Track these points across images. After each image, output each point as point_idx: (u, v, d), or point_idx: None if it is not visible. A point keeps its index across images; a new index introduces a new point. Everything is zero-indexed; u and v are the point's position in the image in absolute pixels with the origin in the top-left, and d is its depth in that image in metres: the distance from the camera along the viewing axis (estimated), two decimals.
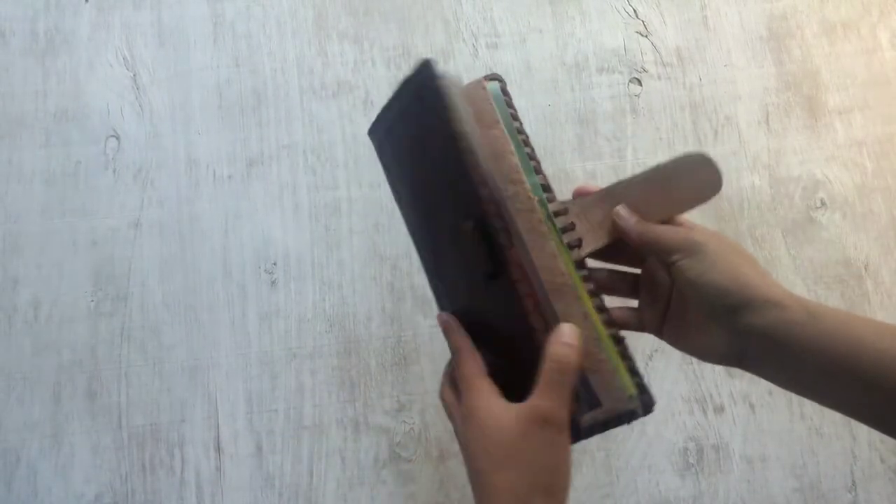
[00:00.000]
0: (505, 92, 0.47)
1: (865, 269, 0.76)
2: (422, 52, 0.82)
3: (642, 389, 0.43)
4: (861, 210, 0.77)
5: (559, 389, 0.38)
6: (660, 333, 0.45)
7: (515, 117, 0.46)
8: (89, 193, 0.78)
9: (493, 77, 0.48)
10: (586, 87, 0.81)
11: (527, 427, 0.37)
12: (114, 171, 0.78)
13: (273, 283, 0.75)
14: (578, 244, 0.44)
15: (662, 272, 0.45)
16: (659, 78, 0.81)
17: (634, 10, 0.84)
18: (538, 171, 0.45)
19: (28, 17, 0.83)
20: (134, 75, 0.81)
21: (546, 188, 0.45)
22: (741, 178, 0.78)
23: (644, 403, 0.42)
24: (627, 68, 0.82)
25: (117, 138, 0.79)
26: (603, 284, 0.47)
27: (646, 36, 0.83)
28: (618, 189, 0.45)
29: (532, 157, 0.45)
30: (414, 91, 0.44)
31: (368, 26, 0.83)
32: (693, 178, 0.44)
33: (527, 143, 0.46)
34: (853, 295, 0.75)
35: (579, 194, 0.46)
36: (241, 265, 0.76)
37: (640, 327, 0.46)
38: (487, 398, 0.39)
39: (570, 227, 0.44)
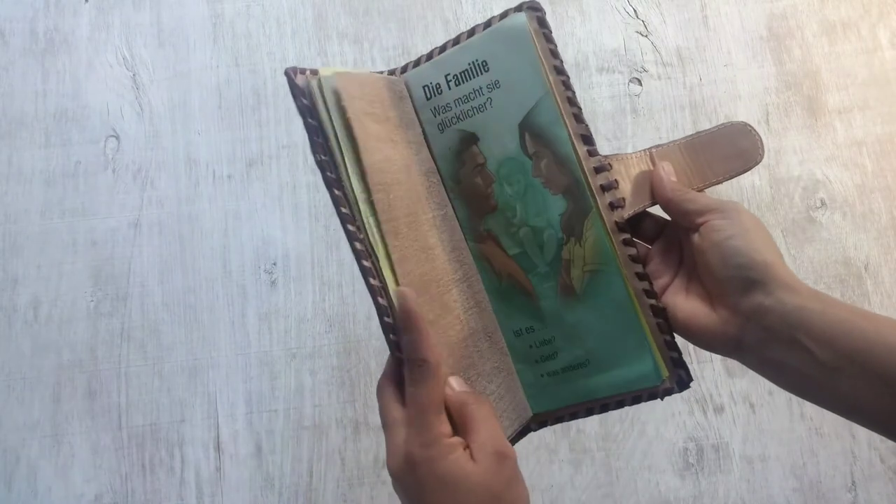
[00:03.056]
0: (543, 23, 0.42)
1: (865, 269, 0.76)
2: (422, 51, 0.82)
3: (678, 364, 0.42)
4: (861, 210, 0.77)
5: (486, 420, 0.37)
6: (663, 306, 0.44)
7: (555, 54, 0.42)
8: (89, 193, 0.78)
9: (524, 6, 0.42)
10: (586, 86, 0.81)
11: (492, 471, 0.35)
12: (113, 170, 0.78)
13: (273, 283, 0.75)
14: (621, 204, 0.42)
15: (674, 249, 0.43)
16: (659, 78, 0.81)
17: (634, 10, 0.84)
18: (579, 118, 0.42)
19: (28, 17, 0.83)
20: (134, 75, 0.81)
21: (588, 139, 0.42)
22: (741, 177, 0.78)
23: (679, 379, 0.42)
24: (627, 68, 0.82)
25: (117, 138, 0.79)
26: None
27: (646, 36, 0.83)
28: (658, 152, 0.44)
29: (573, 101, 0.42)
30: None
31: (368, 26, 0.83)
32: (732, 147, 0.43)
33: (567, 85, 0.42)
34: (853, 295, 0.75)
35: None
36: (241, 265, 0.76)
37: None
38: (443, 444, 0.36)
39: (614, 186, 0.42)
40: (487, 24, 0.43)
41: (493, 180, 0.44)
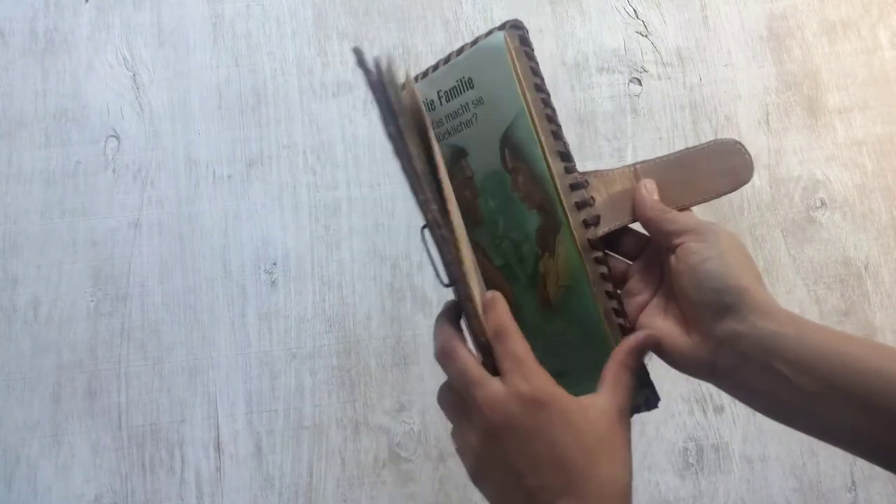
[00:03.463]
0: (525, 42, 0.42)
1: (865, 269, 0.76)
2: (422, 51, 0.82)
3: (645, 384, 0.42)
4: (861, 210, 0.77)
5: (629, 389, 0.38)
6: (635, 321, 0.43)
7: (536, 72, 0.42)
8: (89, 193, 0.78)
9: (507, 25, 0.43)
10: (586, 86, 0.81)
11: (613, 422, 0.36)
12: (113, 171, 0.78)
13: (273, 283, 0.75)
14: (596, 222, 0.42)
15: (656, 267, 0.43)
16: (659, 78, 0.81)
17: (634, 10, 0.84)
18: (558, 136, 0.42)
19: (28, 17, 0.83)
20: (134, 75, 0.81)
21: (565, 156, 0.42)
22: None
23: (647, 399, 0.42)
24: (627, 68, 0.82)
25: (117, 138, 0.79)
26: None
27: (646, 36, 0.83)
28: (643, 167, 0.43)
29: (552, 119, 0.42)
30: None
31: (368, 26, 0.83)
32: (722, 165, 0.42)
33: (547, 102, 0.42)
34: (853, 295, 0.75)
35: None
36: (241, 265, 0.76)
37: None
38: (556, 386, 0.36)
39: (589, 203, 0.42)
40: (474, 42, 0.44)
41: (479, 194, 0.44)
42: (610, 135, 0.80)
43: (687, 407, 0.72)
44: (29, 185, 0.78)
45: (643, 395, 0.42)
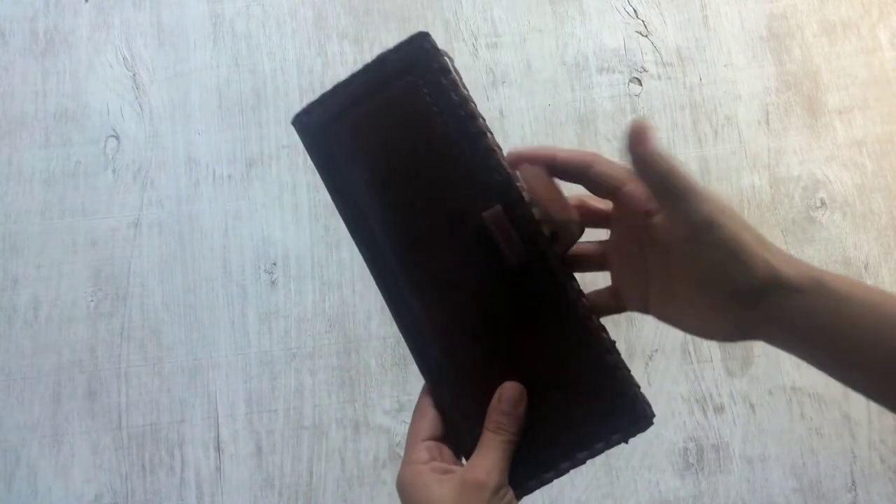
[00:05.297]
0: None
1: (865, 269, 0.76)
2: None
3: (633, 402, 0.39)
4: (861, 210, 0.77)
5: (496, 452, 0.37)
6: (646, 310, 0.38)
7: (463, 85, 0.39)
8: (89, 193, 0.78)
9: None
10: (586, 86, 0.81)
11: (461, 496, 0.36)
12: (113, 171, 0.78)
13: (273, 283, 0.75)
14: (555, 238, 0.37)
15: (635, 238, 0.36)
16: (659, 78, 0.81)
17: (634, 10, 0.84)
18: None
19: (28, 17, 0.83)
20: (134, 75, 0.81)
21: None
22: (741, 177, 0.78)
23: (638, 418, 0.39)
24: (627, 68, 0.82)
25: (117, 138, 0.79)
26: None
27: (646, 36, 0.83)
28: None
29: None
30: (403, 67, 0.38)
31: (368, 26, 0.83)
32: None
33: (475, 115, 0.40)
34: None
35: (519, 159, 0.36)
36: (241, 265, 0.76)
37: (619, 308, 0.39)
38: (420, 479, 0.38)
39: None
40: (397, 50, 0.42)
41: None
42: (610, 135, 0.80)
43: (687, 407, 0.72)
44: (29, 185, 0.78)
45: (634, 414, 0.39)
